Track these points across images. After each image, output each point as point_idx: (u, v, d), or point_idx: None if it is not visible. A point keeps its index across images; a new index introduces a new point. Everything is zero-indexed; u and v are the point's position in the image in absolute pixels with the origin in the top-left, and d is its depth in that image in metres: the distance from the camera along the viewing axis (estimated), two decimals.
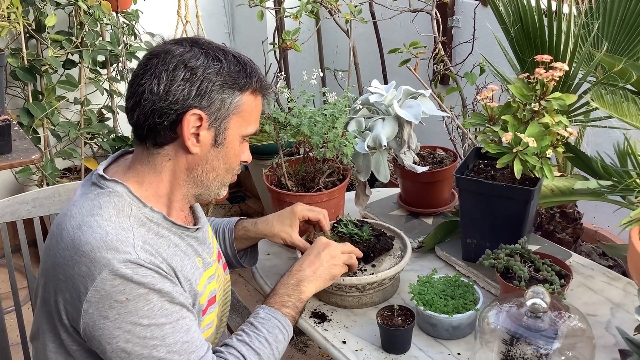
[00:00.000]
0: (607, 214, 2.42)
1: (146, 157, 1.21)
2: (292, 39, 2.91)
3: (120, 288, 1.09)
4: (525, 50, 1.92)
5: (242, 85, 1.19)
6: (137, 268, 1.10)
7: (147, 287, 1.10)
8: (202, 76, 1.15)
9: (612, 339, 1.41)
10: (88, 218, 1.14)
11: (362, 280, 1.49)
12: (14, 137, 2.37)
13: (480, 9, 2.69)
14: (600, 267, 1.69)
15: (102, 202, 1.16)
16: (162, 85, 1.15)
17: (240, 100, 1.20)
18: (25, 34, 2.91)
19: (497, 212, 1.56)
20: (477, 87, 2.62)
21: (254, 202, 3.86)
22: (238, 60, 1.20)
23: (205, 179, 1.24)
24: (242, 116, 1.21)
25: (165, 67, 1.15)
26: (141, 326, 1.11)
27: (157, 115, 1.16)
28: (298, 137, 1.71)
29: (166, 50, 1.17)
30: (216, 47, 1.20)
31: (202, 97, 1.16)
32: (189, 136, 1.17)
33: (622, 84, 1.62)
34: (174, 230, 1.23)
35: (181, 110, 1.15)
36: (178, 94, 1.15)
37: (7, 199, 1.66)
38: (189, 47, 1.18)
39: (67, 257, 1.12)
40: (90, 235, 1.11)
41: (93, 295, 1.09)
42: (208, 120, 1.18)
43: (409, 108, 1.73)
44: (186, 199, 1.27)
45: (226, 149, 1.23)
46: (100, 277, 1.08)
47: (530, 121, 1.49)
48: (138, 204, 1.18)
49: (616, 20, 1.89)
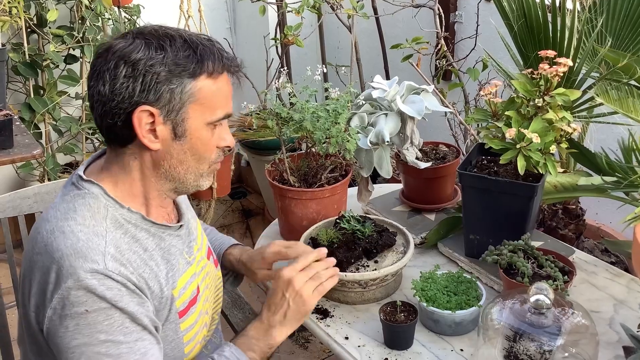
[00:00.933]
0: (610, 210, 2.42)
1: (115, 158, 1.18)
2: (294, 34, 2.90)
3: (82, 299, 1.06)
4: (528, 45, 1.91)
5: (192, 72, 1.11)
6: (104, 279, 1.07)
7: (110, 302, 1.07)
8: (144, 69, 1.09)
9: (615, 335, 1.40)
10: (62, 222, 1.11)
11: (364, 276, 1.49)
12: (16, 132, 2.37)
13: (483, 4, 2.68)
14: (603, 263, 1.68)
15: (77, 205, 1.13)
16: (106, 85, 1.10)
17: (193, 88, 1.12)
18: (27, 28, 2.90)
19: (500, 208, 1.55)
20: (479, 82, 2.61)
21: (255, 197, 3.86)
22: (189, 45, 1.12)
23: (176, 173, 1.19)
24: (201, 103, 1.14)
25: (107, 66, 1.10)
26: (98, 340, 1.07)
27: (109, 116, 1.11)
28: (301, 132, 1.70)
29: (107, 47, 1.12)
30: (163, 34, 1.12)
31: (148, 92, 1.10)
32: (144, 134, 1.12)
33: (626, 80, 1.61)
34: (154, 230, 1.19)
35: (130, 109, 1.10)
36: (123, 91, 1.09)
37: (8, 194, 1.66)
38: (132, 39, 1.12)
39: (39, 262, 1.10)
40: (62, 242, 1.09)
41: (57, 302, 1.06)
42: (161, 114, 1.12)
43: (412, 104, 1.72)
44: (163, 194, 1.22)
45: (191, 141, 1.16)
46: (65, 286, 1.06)
47: (534, 117, 1.48)
48: (114, 205, 1.15)
49: (620, 15, 1.88)
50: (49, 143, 3.15)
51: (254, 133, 3.00)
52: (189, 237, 1.30)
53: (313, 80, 1.75)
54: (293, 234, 1.76)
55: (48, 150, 3.12)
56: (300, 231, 1.67)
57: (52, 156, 3.07)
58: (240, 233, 3.55)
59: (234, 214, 3.74)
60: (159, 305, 1.17)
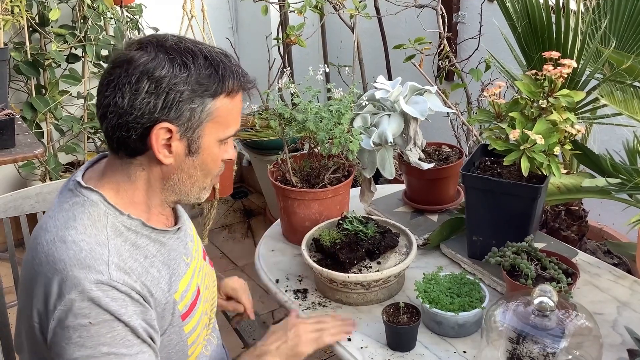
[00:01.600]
0: (612, 211, 2.41)
1: (119, 166, 1.16)
2: (296, 34, 2.90)
3: (86, 311, 1.05)
4: (532, 46, 1.91)
5: (214, 92, 1.12)
6: (109, 290, 1.06)
7: (114, 315, 1.06)
8: (168, 87, 1.08)
9: (618, 337, 1.40)
10: (62, 232, 1.10)
11: (367, 278, 1.48)
12: (17, 132, 2.36)
13: (486, 5, 2.68)
14: (606, 265, 1.68)
15: (76, 213, 1.12)
16: (126, 98, 1.08)
17: (212, 107, 1.12)
18: (29, 27, 2.90)
19: (503, 210, 1.55)
20: (482, 83, 2.61)
21: (257, 197, 3.85)
22: (210, 63, 1.12)
23: (183, 187, 1.19)
24: (217, 122, 1.14)
25: (128, 80, 1.08)
26: (100, 353, 1.06)
27: (124, 129, 1.10)
28: (303, 133, 1.70)
29: (129, 59, 1.09)
30: (185, 50, 1.11)
31: (170, 110, 1.09)
32: (159, 149, 1.12)
33: (630, 81, 1.61)
34: (154, 236, 1.18)
35: (148, 124, 1.09)
36: (143, 107, 1.08)
37: (10, 193, 1.65)
38: (154, 53, 1.09)
39: (41, 273, 1.09)
40: (64, 252, 1.07)
41: (60, 314, 1.05)
42: (179, 132, 1.11)
43: (415, 104, 1.72)
44: (164, 204, 1.22)
45: (202, 157, 1.16)
46: (69, 297, 1.05)
47: (537, 118, 1.48)
48: (114, 212, 1.14)
49: (624, 17, 1.88)
50: (51, 142, 3.15)
51: (256, 133, 3.00)
52: (186, 239, 1.30)
53: (315, 80, 1.75)
54: (295, 234, 1.75)
55: (50, 149, 3.12)
56: (302, 232, 1.66)
57: (54, 155, 3.07)
58: (242, 233, 3.55)
59: (236, 214, 3.74)
60: (162, 312, 1.17)
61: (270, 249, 1.79)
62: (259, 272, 1.71)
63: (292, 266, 1.71)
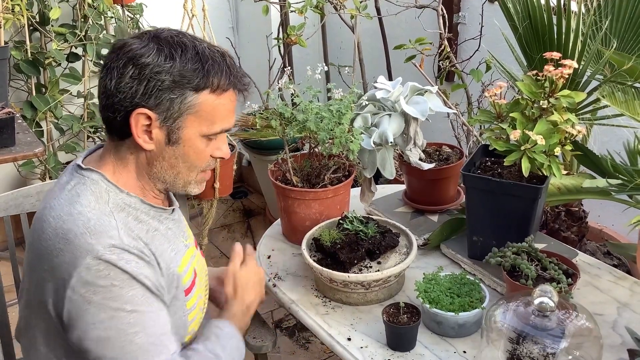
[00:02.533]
0: (612, 212, 2.41)
1: (114, 148, 1.21)
2: (296, 34, 2.89)
3: (104, 273, 1.08)
4: (533, 47, 1.91)
5: (196, 85, 1.15)
6: (122, 253, 1.10)
7: (131, 274, 1.10)
8: (150, 75, 1.13)
9: (618, 338, 1.40)
10: (68, 207, 1.14)
11: (367, 277, 1.48)
12: (17, 130, 2.36)
13: (487, 6, 2.67)
14: (606, 266, 1.68)
15: (79, 191, 1.16)
16: (113, 81, 1.14)
17: (194, 100, 1.15)
18: (29, 26, 2.89)
19: (504, 210, 1.55)
20: (482, 84, 2.61)
21: (256, 197, 3.85)
22: (199, 58, 1.15)
23: (167, 176, 1.22)
24: (199, 116, 1.17)
25: (117, 64, 1.14)
26: (124, 312, 1.10)
27: (110, 110, 1.16)
28: (304, 132, 1.70)
29: (122, 45, 1.16)
30: (177, 42, 1.16)
31: (150, 96, 1.13)
32: (139, 134, 1.16)
33: (630, 82, 1.61)
34: (152, 213, 1.23)
35: (130, 108, 1.14)
36: (126, 90, 1.13)
37: (11, 192, 1.65)
38: (147, 41, 1.15)
39: (50, 247, 1.12)
40: (73, 223, 1.11)
41: (77, 281, 1.08)
42: (158, 119, 1.15)
43: (416, 104, 1.72)
44: (155, 189, 1.25)
45: (184, 148, 1.19)
46: (84, 263, 1.08)
47: (538, 119, 1.48)
48: (115, 189, 1.18)
49: (625, 18, 1.88)
50: (51, 141, 3.15)
51: (256, 133, 3.00)
52: (182, 222, 1.34)
53: (315, 80, 1.75)
54: (296, 234, 1.75)
55: (50, 148, 3.11)
56: (302, 232, 1.66)
57: (54, 154, 3.06)
58: (241, 233, 3.55)
59: (235, 214, 3.73)
60: (168, 281, 1.21)
61: (270, 249, 1.79)
62: None
63: (292, 266, 1.71)
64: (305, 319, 1.52)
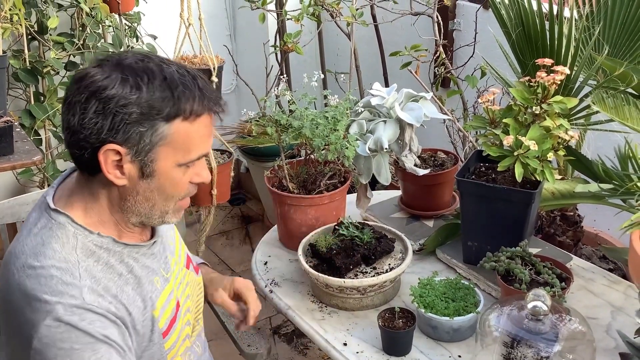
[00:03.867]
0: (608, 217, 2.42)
1: (84, 182, 1.14)
2: (293, 41, 2.91)
3: (65, 335, 1.02)
4: (526, 53, 1.93)
5: (167, 115, 1.06)
6: (84, 313, 1.04)
7: (94, 337, 1.04)
8: (115, 109, 1.04)
9: (612, 342, 1.41)
10: (32, 260, 1.07)
11: (363, 283, 1.49)
12: (16, 139, 2.37)
13: (481, 13, 2.70)
14: (600, 270, 1.69)
15: (44, 238, 1.10)
16: (76, 117, 1.06)
17: (166, 131, 1.07)
18: (28, 35, 2.91)
19: (498, 215, 1.56)
20: (478, 90, 2.63)
21: (254, 204, 3.86)
22: (168, 85, 1.06)
23: (142, 209, 1.14)
24: (173, 146, 1.09)
25: (78, 98, 1.05)
26: None
27: (76, 147, 1.08)
28: (300, 139, 1.71)
29: (83, 76, 1.07)
30: (143, 69, 1.07)
31: (117, 131, 1.05)
32: (109, 169, 1.08)
33: (623, 88, 1.62)
34: (127, 252, 1.16)
35: (96, 144, 1.06)
36: (91, 127, 1.05)
37: (7, 200, 1.66)
38: (109, 71, 1.06)
39: (14, 302, 1.07)
40: (35, 280, 1.05)
41: (38, 343, 1.02)
42: (128, 154, 1.07)
43: (411, 111, 1.73)
44: (130, 224, 1.18)
45: (159, 181, 1.11)
46: (44, 325, 1.02)
47: (531, 124, 1.49)
48: (83, 232, 1.11)
49: (617, 24, 1.90)
50: (49, 149, 3.15)
51: (254, 140, 3.01)
52: (164, 253, 1.27)
53: (312, 87, 1.76)
54: (292, 240, 1.76)
55: (48, 156, 3.12)
56: (299, 237, 1.67)
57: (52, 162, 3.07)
58: (240, 239, 3.55)
59: (233, 220, 3.74)
60: (142, 329, 1.16)
61: (267, 255, 1.80)
62: (255, 278, 1.72)
63: (288, 272, 1.72)
64: (301, 324, 1.52)
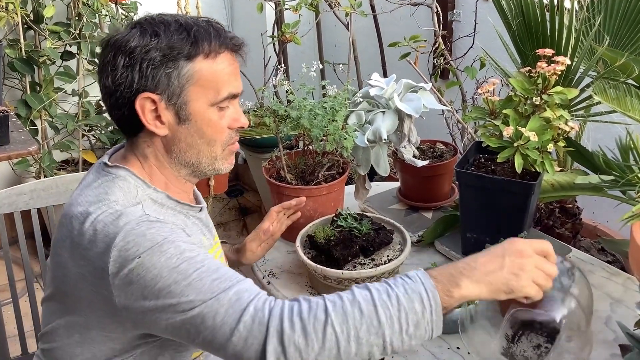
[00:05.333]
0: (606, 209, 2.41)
1: (132, 147, 1.21)
2: (291, 31, 2.90)
3: (140, 241, 1.03)
4: (526, 44, 1.91)
5: (187, 54, 1.12)
6: (154, 222, 1.07)
7: (164, 238, 1.05)
8: (140, 57, 1.11)
9: (611, 334, 1.41)
10: (95, 205, 1.11)
11: (361, 274, 1.49)
12: (12, 129, 2.36)
13: (481, 3, 2.68)
14: (600, 262, 1.68)
15: (107, 188, 1.14)
16: (109, 78, 1.13)
17: (190, 70, 1.13)
18: (23, 24, 2.89)
19: (497, 206, 1.55)
20: (477, 81, 2.61)
21: (252, 195, 3.85)
22: (184, 28, 1.13)
23: (188, 158, 1.19)
24: (201, 85, 1.14)
25: (107, 59, 1.13)
26: (178, 242, 1.04)
27: (116, 107, 1.15)
28: (298, 130, 1.70)
29: (107, 41, 1.15)
30: (158, 21, 1.14)
31: (146, 78, 1.12)
32: (149, 121, 1.14)
33: (623, 79, 1.61)
34: (179, 209, 1.21)
35: (132, 98, 1.13)
36: (124, 81, 1.12)
37: (4, 190, 1.65)
38: (129, 29, 1.14)
39: (82, 242, 1.08)
40: (101, 214, 1.08)
41: (113, 266, 1.03)
42: (162, 100, 1.13)
43: (410, 101, 1.72)
44: (182, 179, 1.23)
45: (197, 124, 1.16)
46: (114, 246, 1.03)
47: (531, 115, 1.48)
48: (142, 185, 1.16)
49: (618, 15, 1.88)
50: (45, 140, 3.14)
51: (251, 130, 3.00)
52: (209, 222, 1.33)
53: (310, 77, 1.75)
54: (290, 231, 1.75)
55: (44, 147, 3.11)
56: (297, 228, 1.66)
57: (48, 153, 3.06)
58: (237, 231, 3.55)
59: (231, 212, 3.74)
60: None
61: None
62: (253, 269, 1.71)
63: (286, 263, 1.71)
64: None
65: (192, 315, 0.99)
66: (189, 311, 0.99)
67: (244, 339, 0.95)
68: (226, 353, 0.98)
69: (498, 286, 1.02)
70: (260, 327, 0.95)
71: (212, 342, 0.99)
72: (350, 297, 0.97)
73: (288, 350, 0.94)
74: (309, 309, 0.96)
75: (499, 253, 1.05)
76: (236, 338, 0.96)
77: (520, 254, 1.04)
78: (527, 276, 1.03)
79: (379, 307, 0.96)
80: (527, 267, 1.03)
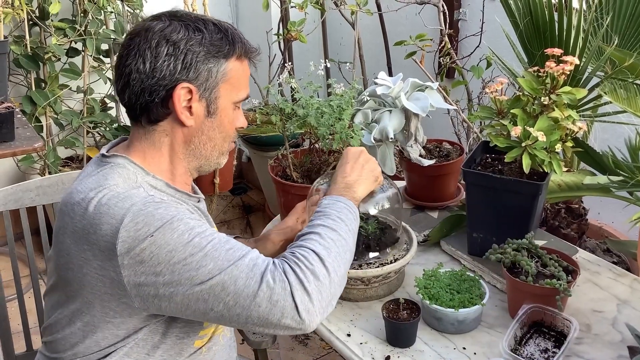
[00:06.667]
0: (612, 210, 2.41)
1: (144, 135, 1.22)
2: (297, 29, 2.89)
3: (149, 221, 1.07)
4: (534, 44, 1.91)
5: (226, 53, 1.19)
6: (159, 203, 1.11)
7: (173, 216, 1.09)
8: (186, 49, 1.15)
9: (618, 335, 1.40)
10: (96, 189, 1.13)
11: (367, 273, 1.48)
12: (17, 125, 2.35)
13: (488, 2, 2.67)
14: (606, 263, 1.68)
15: (106, 174, 1.16)
16: (147, 63, 1.15)
17: (226, 68, 1.20)
18: (29, 21, 2.89)
19: (504, 207, 1.54)
20: (483, 80, 2.60)
21: (256, 193, 3.85)
22: (219, 28, 1.20)
23: (204, 150, 1.24)
24: (231, 83, 1.21)
25: (148, 45, 1.15)
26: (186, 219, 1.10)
27: (147, 93, 1.16)
28: (304, 128, 1.69)
29: (146, 28, 1.17)
30: (195, 18, 1.20)
31: (189, 70, 1.16)
32: (181, 110, 1.18)
33: (631, 79, 1.61)
34: (178, 196, 1.23)
35: (170, 86, 1.16)
36: (164, 69, 1.15)
37: (10, 186, 1.65)
38: (168, 21, 1.18)
39: (85, 226, 1.10)
40: (103, 197, 1.11)
41: (122, 246, 1.06)
42: (198, 92, 1.18)
43: (417, 100, 1.71)
44: (188, 172, 1.27)
45: (220, 118, 1.23)
46: (123, 227, 1.07)
47: (539, 115, 1.47)
48: (141, 172, 1.19)
49: (626, 15, 1.88)
50: (50, 136, 3.14)
51: (256, 128, 2.99)
52: (208, 216, 1.34)
53: (316, 75, 1.74)
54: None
55: (49, 143, 3.11)
56: None
57: (53, 149, 3.06)
58: (241, 229, 3.54)
59: (235, 210, 3.73)
60: None
61: None
62: None
63: None
64: None
65: (212, 285, 1.06)
66: (207, 281, 1.06)
67: (268, 298, 1.05)
68: (249, 315, 1.06)
69: (370, 178, 1.37)
70: (283, 284, 1.06)
71: (233, 307, 1.06)
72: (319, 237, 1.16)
73: (311, 293, 1.08)
74: (305, 258, 1.11)
75: (349, 162, 1.37)
76: (260, 299, 1.05)
77: (362, 152, 1.40)
78: (377, 169, 1.40)
79: (339, 232, 1.19)
80: (373, 164, 1.39)
